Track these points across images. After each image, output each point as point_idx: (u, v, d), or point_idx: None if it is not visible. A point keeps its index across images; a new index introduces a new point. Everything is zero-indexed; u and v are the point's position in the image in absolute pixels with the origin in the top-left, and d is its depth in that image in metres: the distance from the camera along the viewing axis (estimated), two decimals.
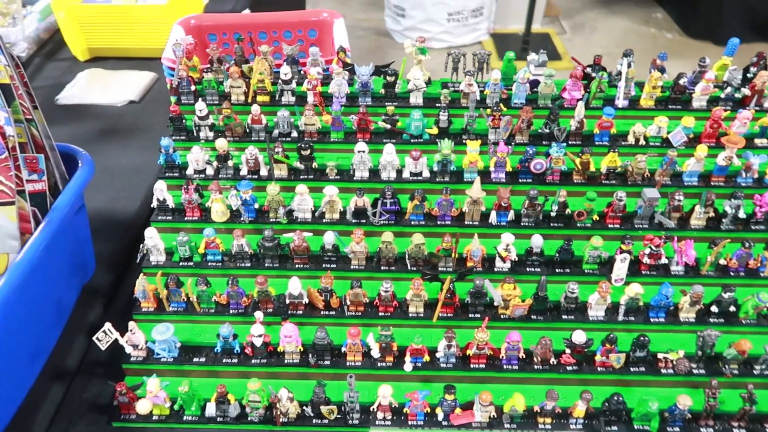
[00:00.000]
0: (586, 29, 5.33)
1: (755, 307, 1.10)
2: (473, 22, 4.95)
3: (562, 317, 1.13)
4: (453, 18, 4.87)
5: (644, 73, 1.80)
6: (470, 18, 4.92)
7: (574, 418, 1.06)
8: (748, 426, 1.05)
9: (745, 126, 1.26)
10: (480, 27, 5.02)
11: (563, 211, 1.20)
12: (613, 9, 5.65)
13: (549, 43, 5.02)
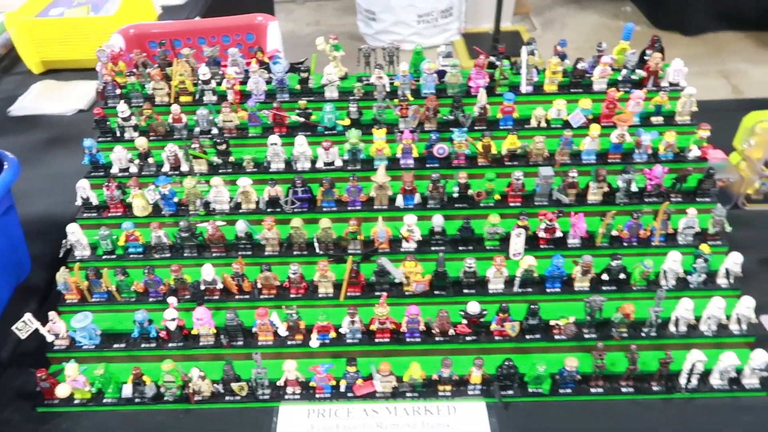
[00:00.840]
0: (557, 25, 5.41)
1: (641, 273, 1.17)
2: (443, 22, 5.04)
3: (463, 291, 1.20)
4: (423, 20, 4.96)
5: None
6: (440, 19, 5.00)
7: (472, 385, 1.12)
8: (635, 385, 1.12)
9: (639, 105, 1.32)
10: (450, 27, 5.10)
11: (465, 192, 1.27)
12: (583, 5, 5.73)
13: (519, 40, 5.10)
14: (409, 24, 4.96)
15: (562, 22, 5.44)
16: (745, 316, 1.13)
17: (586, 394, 1.12)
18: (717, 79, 4.45)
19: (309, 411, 1.12)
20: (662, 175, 1.25)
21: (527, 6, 5.63)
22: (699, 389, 1.11)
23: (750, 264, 1.39)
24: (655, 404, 1.11)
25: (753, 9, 4.76)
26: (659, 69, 1.38)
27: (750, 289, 1.33)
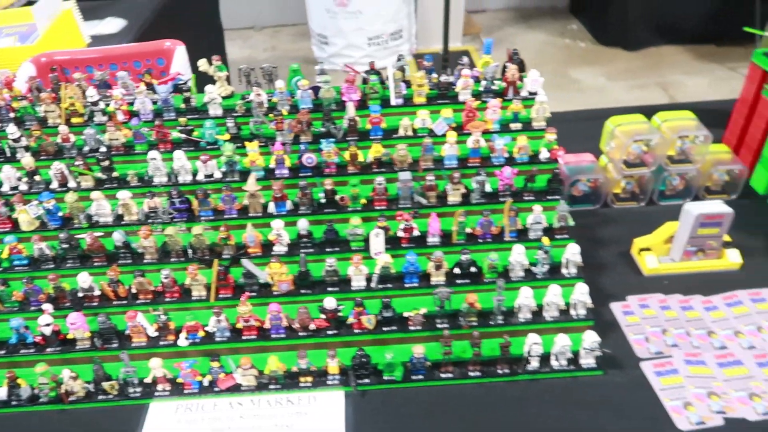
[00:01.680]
0: (506, 44, 5.59)
1: (488, 265, 1.26)
2: (394, 44, 5.19)
3: (327, 290, 1.28)
4: (373, 42, 5.11)
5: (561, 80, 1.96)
6: (390, 41, 5.16)
7: (331, 375, 1.20)
8: (482, 369, 1.20)
9: (496, 113, 1.43)
10: (401, 49, 5.25)
11: (332, 198, 1.36)
12: (531, 23, 5.94)
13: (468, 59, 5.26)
14: (360, 47, 5.12)
15: (510, 41, 5.63)
16: (581, 301, 1.23)
17: (437, 380, 1.20)
18: (656, 91, 4.63)
19: (177, 406, 1.19)
20: (512, 177, 1.35)
21: (477, 26, 5.83)
22: (540, 370, 1.20)
23: (611, 256, 1.51)
24: (500, 386, 1.20)
25: (689, 24, 4.97)
26: (516, 80, 1.49)
27: (609, 279, 1.44)
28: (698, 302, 1.35)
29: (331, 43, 5.21)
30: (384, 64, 1.58)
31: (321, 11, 5.09)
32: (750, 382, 1.18)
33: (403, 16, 5.16)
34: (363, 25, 5.07)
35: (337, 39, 5.16)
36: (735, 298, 1.35)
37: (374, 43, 5.12)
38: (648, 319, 1.32)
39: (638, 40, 5.15)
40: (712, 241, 1.40)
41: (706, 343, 1.26)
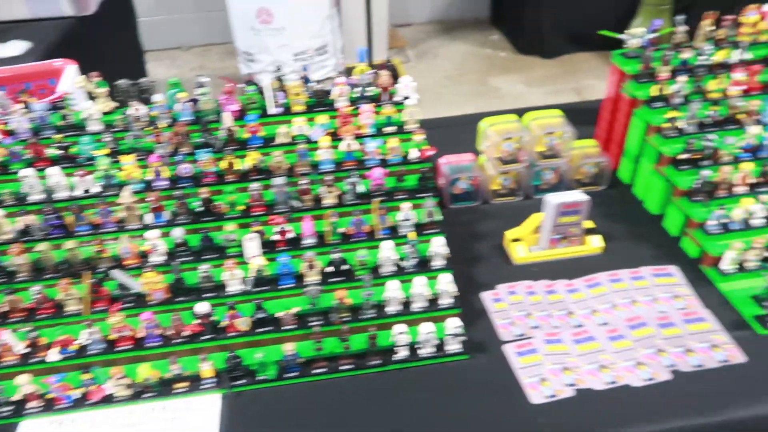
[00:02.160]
0: (429, 56, 5.76)
1: (359, 263, 1.32)
2: (320, 59, 5.26)
3: (203, 296, 1.31)
4: (299, 58, 5.17)
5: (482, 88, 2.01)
6: (316, 56, 5.23)
7: (206, 379, 1.22)
8: (354, 362, 1.25)
9: (369, 117, 1.50)
10: (327, 64, 5.33)
11: (209, 206, 1.39)
12: (455, 35, 6.14)
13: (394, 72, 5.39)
14: (286, 63, 5.16)
15: (434, 53, 5.80)
16: (447, 291, 1.30)
17: (309, 376, 1.24)
18: (571, 96, 4.86)
19: (51, 422, 1.18)
20: (382, 177, 1.42)
21: (403, 40, 5.97)
22: (409, 359, 1.26)
23: (487, 249, 1.59)
24: (371, 378, 1.25)
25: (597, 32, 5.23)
26: (389, 85, 1.57)
27: (482, 270, 1.52)
28: (562, 286, 1.45)
29: (257, 60, 5.23)
30: (312, 78, 1.62)
31: (245, 29, 5.12)
32: (600, 356, 1.27)
33: (328, 31, 5.25)
34: (288, 42, 5.13)
35: (263, 56, 5.20)
36: (595, 280, 1.46)
37: (300, 59, 5.18)
38: (515, 304, 1.40)
39: (554, 48, 5.39)
40: (573, 228, 1.51)
41: (564, 323, 1.35)
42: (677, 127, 1.57)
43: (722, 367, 1.25)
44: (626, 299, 1.40)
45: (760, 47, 1.70)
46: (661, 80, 1.60)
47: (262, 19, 5.01)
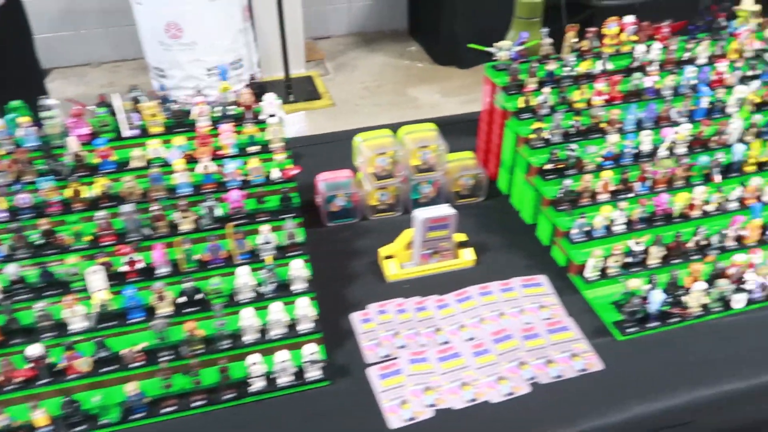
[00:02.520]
0: (348, 68, 5.76)
1: (212, 290, 1.25)
2: (234, 74, 5.15)
3: (41, 336, 1.21)
4: (212, 73, 5.04)
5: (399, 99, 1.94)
6: (231, 71, 5.12)
7: (39, 428, 1.12)
8: (207, 397, 1.19)
9: (229, 137, 1.45)
10: (243, 78, 5.23)
11: (50, 239, 1.30)
12: (373, 47, 6.17)
13: (310, 85, 5.35)
14: (199, 78, 5.01)
15: (353, 64, 5.79)
16: (306, 315, 1.25)
17: (158, 416, 1.17)
18: None
19: None
20: (240, 199, 1.36)
21: (320, 52, 5.95)
22: (265, 390, 1.21)
23: (361, 267, 1.55)
24: (225, 413, 1.19)
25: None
26: (252, 104, 1.52)
27: (355, 289, 1.49)
28: (432, 302, 1.43)
29: (169, 76, 5.06)
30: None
31: (154, 44, 4.95)
32: (463, 373, 1.26)
33: (242, 45, 5.14)
34: (200, 56, 4.99)
35: (175, 71, 5.03)
36: (466, 293, 1.45)
37: (213, 74, 5.06)
38: (384, 324, 1.37)
39: (469, 59, 5.49)
40: (443, 242, 1.50)
41: (431, 340, 1.33)
42: (543, 138, 1.59)
43: (581, 376, 1.26)
44: (494, 312, 1.40)
45: (621, 58, 1.76)
46: (527, 92, 1.63)
47: (171, 33, 4.86)
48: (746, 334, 1.35)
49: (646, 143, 1.59)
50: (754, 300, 1.40)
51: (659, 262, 1.46)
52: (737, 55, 1.80)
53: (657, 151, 1.59)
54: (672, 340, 1.34)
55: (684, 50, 1.77)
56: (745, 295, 1.37)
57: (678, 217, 1.52)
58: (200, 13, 4.77)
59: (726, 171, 1.60)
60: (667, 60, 1.76)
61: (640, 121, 1.65)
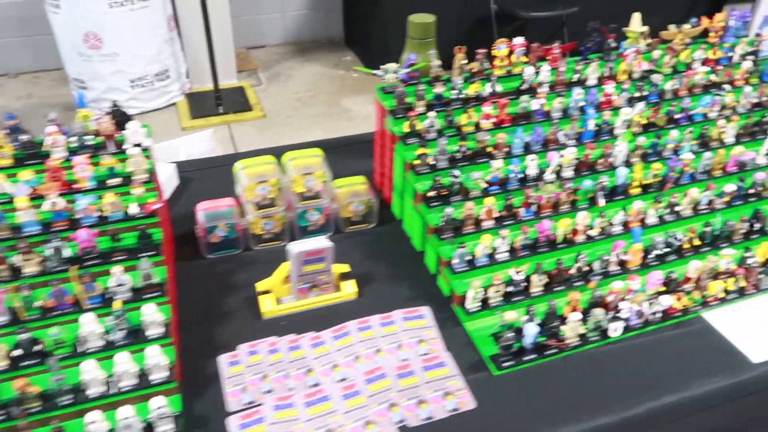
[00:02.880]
0: (282, 78, 5.65)
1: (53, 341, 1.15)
2: (161, 85, 4.97)
3: None
4: (137, 84, 4.85)
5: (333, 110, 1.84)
6: (156, 82, 4.94)
7: None
8: None
9: (85, 170, 1.34)
10: (171, 89, 5.06)
11: None
12: (308, 57, 6.08)
13: (241, 96, 5.22)
14: (123, 90, 4.83)
15: (287, 74, 5.70)
16: (158, 364, 1.16)
17: None
18: None
19: None
20: (90, 238, 1.26)
21: (253, 62, 5.83)
22: None
23: (238, 303, 1.47)
24: None
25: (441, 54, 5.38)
26: (113, 132, 1.42)
27: (228, 328, 1.40)
28: (308, 340, 1.36)
29: (91, 88, 4.85)
30: (154, 106, 1.41)
31: (73, 54, 4.74)
32: (329, 418, 1.19)
33: (168, 55, 4.98)
34: (122, 68, 4.79)
35: (96, 83, 4.82)
36: (344, 329, 1.38)
37: (138, 86, 4.87)
38: (252, 366, 1.30)
39: None
40: (322, 276, 1.43)
41: (301, 383, 1.26)
42: (429, 164, 1.55)
43: (452, 417, 1.21)
44: (371, 349, 1.34)
45: (510, 80, 1.74)
46: (412, 116, 1.58)
47: (91, 44, 4.65)
48: (624, 363, 1.33)
49: (531, 167, 1.57)
50: (631, 327, 1.39)
51: (541, 290, 1.44)
52: (626, 76, 1.81)
53: (543, 175, 1.57)
54: (548, 373, 1.31)
55: (573, 72, 1.77)
56: (622, 323, 1.36)
57: (562, 243, 1.50)
58: (120, 23, 4.59)
59: (611, 194, 1.60)
60: (557, 81, 1.75)
61: (528, 144, 1.63)
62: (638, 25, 1.84)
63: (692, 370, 1.31)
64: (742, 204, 1.65)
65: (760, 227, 1.60)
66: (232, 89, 5.32)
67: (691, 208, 1.60)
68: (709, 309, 1.45)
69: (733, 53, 1.89)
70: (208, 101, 5.05)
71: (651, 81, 1.77)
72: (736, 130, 1.75)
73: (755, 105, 1.83)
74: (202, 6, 4.57)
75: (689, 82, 1.80)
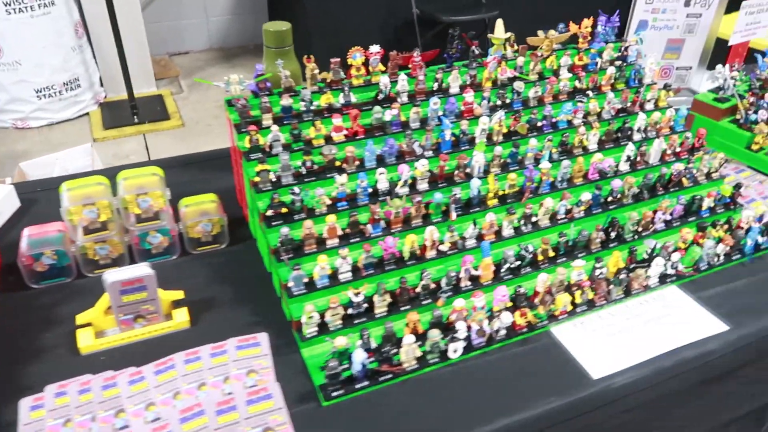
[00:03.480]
0: (203, 85, 5.49)
1: None
2: (71, 95, 4.75)
3: None
4: (43, 94, 4.62)
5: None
6: (65, 92, 4.71)
7: None
8: None
9: None
10: (83, 99, 4.83)
11: None
12: (234, 63, 5.94)
13: (159, 104, 5.04)
14: (28, 100, 4.59)
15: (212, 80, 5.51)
16: None
17: None
18: None
19: None
20: None
21: (175, 69, 5.64)
22: None
23: (58, 338, 1.36)
24: None
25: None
26: None
27: (41, 366, 1.28)
28: (126, 376, 1.25)
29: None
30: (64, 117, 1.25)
31: None
32: None
33: (77, 63, 4.75)
34: (26, 77, 4.54)
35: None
36: (169, 362, 1.28)
37: (45, 96, 4.63)
38: (57, 410, 1.18)
39: None
40: (146, 305, 1.33)
41: (108, 426, 1.16)
42: (270, 180, 1.47)
43: None
44: (194, 383, 1.24)
45: (368, 90, 1.68)
46: (251, 130, 1.50)
47: None
48: (463, 385, 1.28)
49: (381, 181, 1.51)
50: (475, 347, 1.34)
51: (385, 311, 1.37)
52: (489, 84, 1.77)
53: (395, 188, 1.51)
54: (384, 400, 1.24)
55: (434, 80, 1.72)
56: (461, 343, 1.31)
57: (410, 259, 1.44)
58: (20, 30, 4.35)
59: (467, 207, 1.56)
60: (417, 91, 1.70)
61: (382, 157, 1.57)
62: (502, 32, 1.80)
63: (531, 388, 1.27)
64: (601, 212, 1.63)
65: (616, 235, 1.58)
66: (149, 98, 5.13)
67: (548, 218, 1.57)
68: (557, 323, 1.41)
69: (599, 59, 1.88)
70: (124, 110, 4.85)
71: (513, 89, 1.74)
72: (598, 137, 1.73)
73: (620, 111, 1.83)
74: (110, 11, 4.37)
75: (553, 89, 1.78)
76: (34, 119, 4.68)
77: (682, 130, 1.83)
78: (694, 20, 2.17)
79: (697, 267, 1.55)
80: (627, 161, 1.71)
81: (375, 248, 1.41)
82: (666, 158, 1.76)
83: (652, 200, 1.66)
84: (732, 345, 1.37)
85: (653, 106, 1.86)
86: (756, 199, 1.81)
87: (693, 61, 2.30)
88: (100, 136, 4.65)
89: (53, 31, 4.50)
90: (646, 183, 1.65)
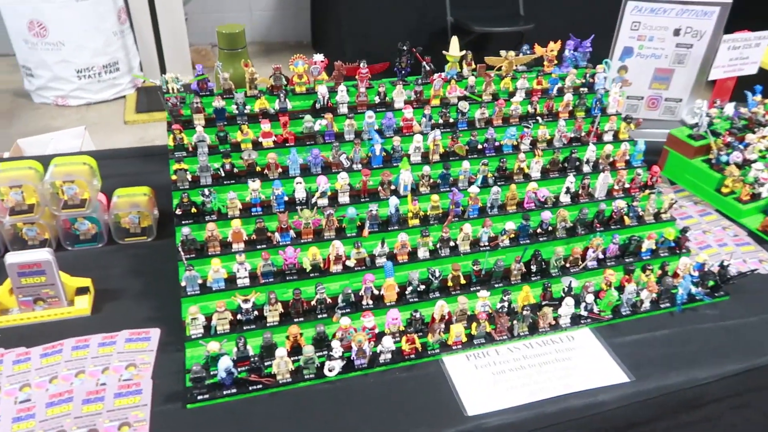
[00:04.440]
0: None
1: None
2: (109, 77, 4.98)
3: None
4: (83, 75, 4.87)
5: None
6: (104, 74, 4.95)
7: None
8: None
9: None
10: (120, 82, 5.06)
11: None
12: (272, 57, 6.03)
13: None
14: (69, 80, 4.85)
15: None
16: None
17: None
18: None
19: None
20: None
21: (213, 60, 5.82)
22: None
23: None
24: None
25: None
26: None
27: None
28: (13, 356, 1.31)
29: (37, 76, 4.87)
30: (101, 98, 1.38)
31: (20, 41, 4.76)
32: None
33: (118, 48, 4.98)
34: (68, 58, 4.81)
35: (42, 71, 4.84)
36: (57, 347, 1.33)
37: (85, 76, 4.88)
38: None
39: None
40: (46, 289, 1.38)
41: None
42: (188, 179, 1.49)
43: None
44: (73, 370, 1.28)
45: (303, 97, 1.68)
46: (176, 129, 1.53)
47: (35, 32, 4.67)
48: (336, 403, 1.25)
49: (299, 190, 1.50)
50: (358, 367, 1.31)
51: (277, 321, 1.37)
52: (438, 102, 1.73)
53: (312, 199, 1.51)
54: (249, 409, 1.24)
55: (377, 93, 1.70)
56: (338, 362, 1.29)
57: (312, 271, 1.43)
58: (64, 13, 4.60)
59: (385, 224, 1.53)
60: (358, 103, 1.68)
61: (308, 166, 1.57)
62: (456, 50, 1.76)
63: (404, 416, 1.23)
64: (529, 243, 1.57)
65: (537, 270, 1.52)
66: (183, 85, 5.30)
67: (467, 244, 1.53)
68: (451, 353, 1.37)
69: (561, 84, 1.81)
70: (157, 96, 5.04)
71: (458, 108, 1.70)
72: (541, 165, 1.66)
73: (572, 140, 1.75)
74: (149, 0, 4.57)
75: (502, 112, 1.73)
76: (73, 98, 4.93)
77: (639, 165, 1.74)
78: (684, 50, 2.06)
79: (618, 311, 1.46)
80: (566, 193, 1.63)
81: (275, 257, 1.41)
82: (614, 193, 1.68)
83: (585, 236, 1.58)
84: (628, 399, 1.29)
85: (612, 137, 1.77)
86: (712, 246, 1.69)
87: (684, 94, 2.17)
88: (132, 119, 4.85)
89: (96, 15, 4.72)
90: (581, 218, 1.58)
